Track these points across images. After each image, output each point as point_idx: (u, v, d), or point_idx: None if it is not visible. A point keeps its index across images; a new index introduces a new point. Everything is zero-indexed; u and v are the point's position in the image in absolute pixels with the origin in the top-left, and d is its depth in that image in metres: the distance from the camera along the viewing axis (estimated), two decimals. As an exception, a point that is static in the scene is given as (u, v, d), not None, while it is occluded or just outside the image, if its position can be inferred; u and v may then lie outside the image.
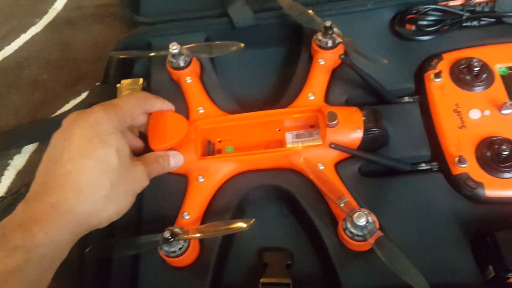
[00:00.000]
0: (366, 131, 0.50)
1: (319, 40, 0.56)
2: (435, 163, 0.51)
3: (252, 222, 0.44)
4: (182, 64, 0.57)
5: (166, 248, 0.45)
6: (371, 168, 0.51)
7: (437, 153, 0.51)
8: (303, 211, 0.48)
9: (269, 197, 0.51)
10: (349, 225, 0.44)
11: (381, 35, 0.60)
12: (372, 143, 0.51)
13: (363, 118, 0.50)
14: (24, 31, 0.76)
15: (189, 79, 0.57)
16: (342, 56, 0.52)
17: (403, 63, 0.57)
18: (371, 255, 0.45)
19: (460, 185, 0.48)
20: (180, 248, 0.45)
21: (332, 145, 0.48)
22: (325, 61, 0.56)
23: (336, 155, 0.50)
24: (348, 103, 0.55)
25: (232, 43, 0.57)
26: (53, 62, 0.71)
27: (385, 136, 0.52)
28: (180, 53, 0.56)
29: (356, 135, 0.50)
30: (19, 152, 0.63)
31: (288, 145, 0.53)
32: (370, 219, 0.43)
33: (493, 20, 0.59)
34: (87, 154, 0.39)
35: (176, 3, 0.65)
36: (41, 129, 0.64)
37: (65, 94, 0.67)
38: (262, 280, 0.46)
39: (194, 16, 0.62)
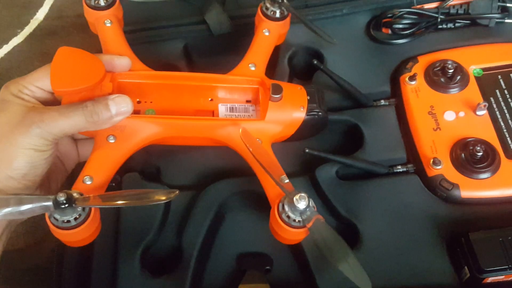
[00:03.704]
0: (309, 111, 0.47)
1: (266, 8, 0.52)
2: (411, 165, 0.51)
3: (175, 193, 0.37)
4: (102, 3, 0.50)
5: (57, 215, 0.36)
6: (349, 171, 0.52)
7: (413, 155, 0.51)
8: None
9: (248, 203, 0.51)
10: (287, 208, 0.38)
11: (358, 40, 0.60)
12: (313, 126, 0.49)
13: (308, 97, 0.48)
14: (6, 42, 0.75)
15: (108, 22, 0.49)
16: (316, 62, 0.52)
17: (379, 67, 0.57)
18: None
19: (435, 187, 0.48)
20: (76, 218, 0.36)
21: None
22: (270, 32, 0.52)
23: (274, 132, 0.47)
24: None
25: None
26: (35, 72, 0.71)
27: (325, 120, 0.50)
28: None
29: (298, 114, 0.47)
30: None
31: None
32: (311, 203, 0.38)
33: (468, 22, 0.59)
34: None
35: (154, 12, 0.65)
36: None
37: (46, 105, 0.68)
38: (240, 286, 0.46)
39: (172, 24, 0.62)
